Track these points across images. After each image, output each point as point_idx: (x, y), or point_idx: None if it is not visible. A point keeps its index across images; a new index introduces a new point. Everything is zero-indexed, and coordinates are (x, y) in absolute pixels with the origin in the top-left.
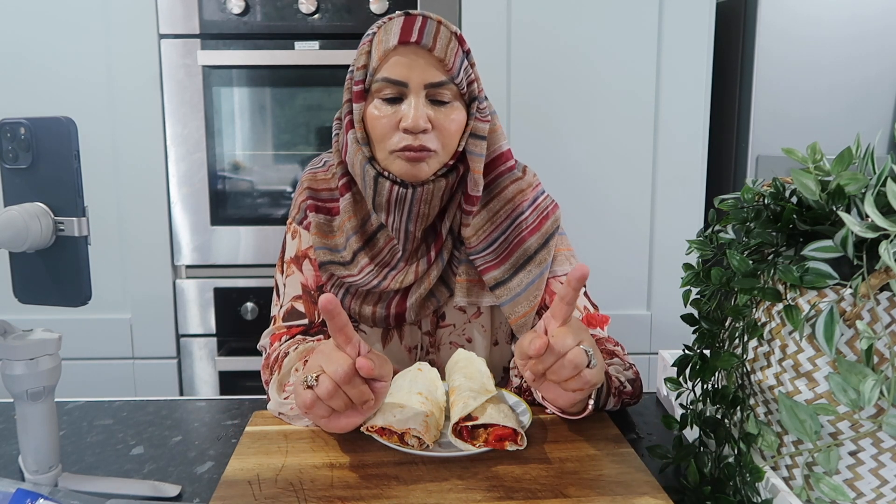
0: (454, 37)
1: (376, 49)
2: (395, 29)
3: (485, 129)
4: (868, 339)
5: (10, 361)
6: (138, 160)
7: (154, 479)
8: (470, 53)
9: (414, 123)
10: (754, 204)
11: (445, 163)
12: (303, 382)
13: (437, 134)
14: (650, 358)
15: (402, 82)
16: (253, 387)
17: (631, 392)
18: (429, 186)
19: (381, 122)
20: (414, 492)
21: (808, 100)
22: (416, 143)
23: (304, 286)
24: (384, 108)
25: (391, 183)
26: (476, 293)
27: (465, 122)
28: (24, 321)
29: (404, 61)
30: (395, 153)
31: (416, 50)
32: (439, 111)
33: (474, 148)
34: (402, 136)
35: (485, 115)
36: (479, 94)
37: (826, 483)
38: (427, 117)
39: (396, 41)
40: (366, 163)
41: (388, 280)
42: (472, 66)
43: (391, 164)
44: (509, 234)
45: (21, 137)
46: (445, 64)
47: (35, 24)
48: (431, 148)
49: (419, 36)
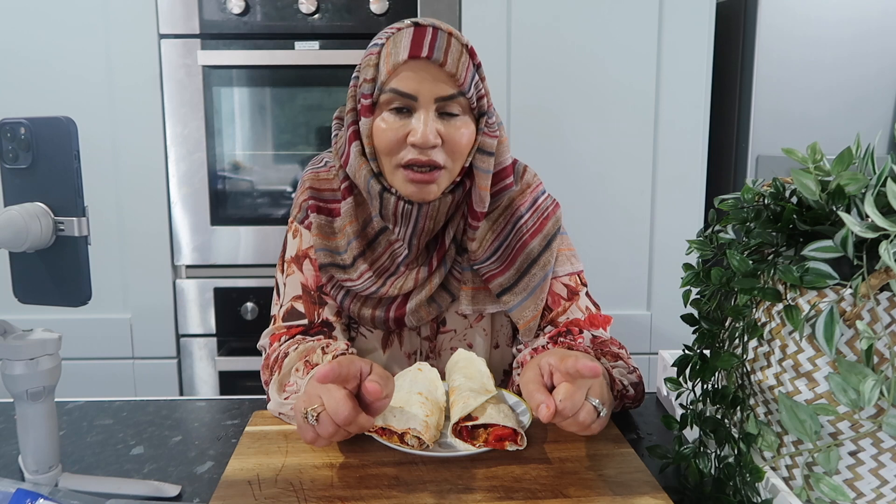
0: (465, 50)
1: (385, 62)
2: (404, 42)
3: (493, 145)
4: (868, 339)
5: (10, 361)
6: (138, 160)
7: (154, 479)
8: (480, 67)
9: (423, 139)
10: (754, 204)
11: (454, 179)
12: (303, 415)
13: (446, 148)
14: (650, 358)
15: (411, 95)
16: (253, 387)
17: (633, 396)
18: (434, 204)
19: (388, 135)
20: (414, 492)
21: (809, 99)
22: (425, 158)
23: (304, 286)
24: (392, 120)
25: (396, 199)
26: (482, 300)
27: (474, 137)
28: (24, 321)
29: (414, 76)
30: (401, 168)
31: (426, 64)
32: (449, 124)
33: (481, 164)
34: (409, 150)
35: (493, 131)
36: (489, 109)
37: (826, 483)
38: (437, 132)
39: (407, 55)
40: (370, 177)
41: (388, 286)
42: (483, 80)
43: (396, 179)
44: (511, 239)
45: (21, 137)
46: (457, 79)
47: (35, 23)
48: (440, 163)
49: (430, 51)
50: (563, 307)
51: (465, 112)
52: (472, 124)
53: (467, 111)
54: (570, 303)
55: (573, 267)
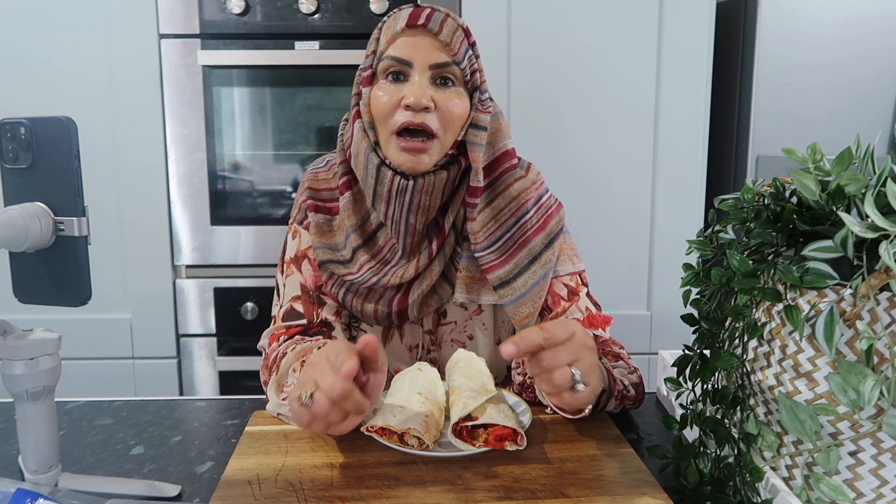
0: (460, 27)
1: (384, 34)
2: (403, 15)
3: (486, 120)
4: (868, 339)
5: (10, 361)
6: (138, 160)
7: (154, 479)
8: (475, 46)
9: (416, 100)
10: (754, 204)
11: (446, 152)
12: (297, 399)
13: (439, 115)
14: (650, 358)
15: (406, 61)
16: (253, 387)
17: (634, 397)
18: (430, 178)
19: (384, 100)
20: (414, 492)
21: (809, 99)
22: (417, 121)
23: (303, 286)
24: (388, 86)
25: (393, 173)
26: (476, 290)
27: (468, 110)
28: (24, 321)
29: (410, 42)
30: (395, 137)
31: (422, 31)
32: (443, 92)
33: (474, 138)
34: (402, 114)
35: (486, 107)
36: (482, 86)
37: (826, 483)
38: (430, 96)
39: (404, 24)
40: (370, 151)
41: (388, 276)
42: (477, 57)
43: (390, 149)
44: (514, 232)
45: (21, 137)
46: (451, 48)
47: (35, 23)
48: (433, 129)
49: (426, 20)
50: (562, 307)
51: (459, 83)
52: (466, 97)
53: (461, 82)
54: (569, 303)
55: (574, 266)
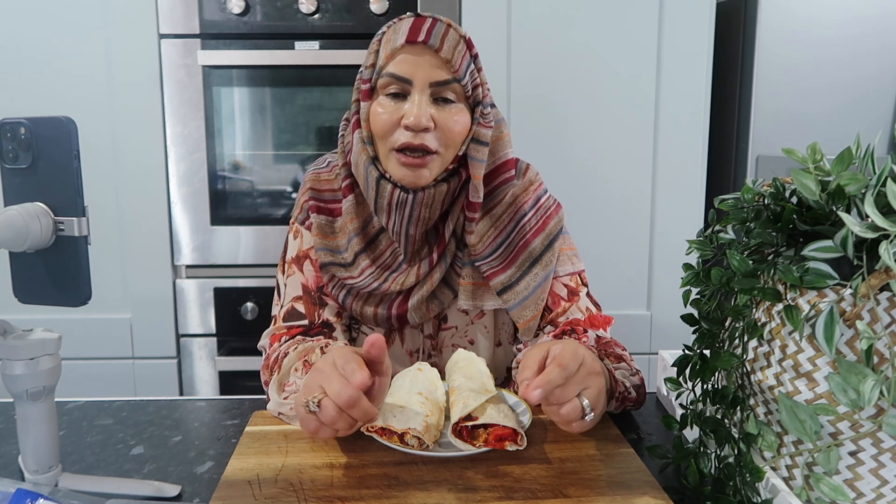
0: (462, 40)
1: (384, 48)
2: (403, 28)
3: (487, 136)
4: (868, 339)
5: (10, 361)
6: (138, 160)
7: (154, 479)
8: (477, 58)
9: (416, 121)
10: (754, 204)
11: (447, 167)
12: (304, 405)
13: (439, 134)
14: (650, 358)
15: (406, 79)
16: (253, 387)
17: (634, 398)
18: (430, 191)
19: (383, 118)
20: (414, 492)
21: (809, 99)
22: (417, 142)
23: (304, 287)
24: (388, 103)
25: (392, 186)
26: (480, 296)
27: (469, 126)
28: (24, 321)
29: (410, 59)
30: (394, 153)
31: (423, 49)
32: (443, 110)
33: (475, 153)
34: (402, 133)
35: (488, 121)
36: (484, 100)
37: (826, 483)
38: (430, 116)
39: (404, 40)
40: (369, 164)
41: (389, 282)
42: (479, 70)
43: (390, 163)
44: (514, 236)
45: (21, 137)
46: (452, 65)
47: (35, 23)
48: (432, 148)
49: (427, 36)
50: (562, 308)
51: (460, 100)
52: (468, 113)
53: (462, 99)
54: (570, 303)
55: (574, 267)
